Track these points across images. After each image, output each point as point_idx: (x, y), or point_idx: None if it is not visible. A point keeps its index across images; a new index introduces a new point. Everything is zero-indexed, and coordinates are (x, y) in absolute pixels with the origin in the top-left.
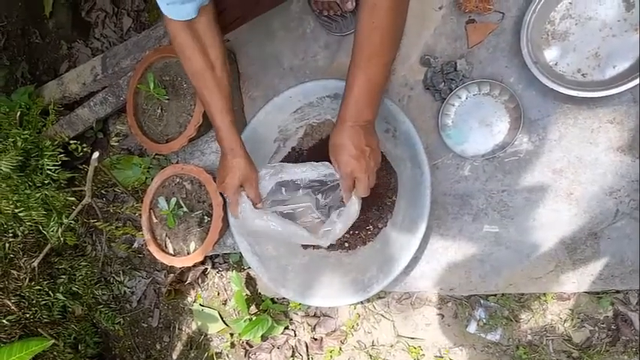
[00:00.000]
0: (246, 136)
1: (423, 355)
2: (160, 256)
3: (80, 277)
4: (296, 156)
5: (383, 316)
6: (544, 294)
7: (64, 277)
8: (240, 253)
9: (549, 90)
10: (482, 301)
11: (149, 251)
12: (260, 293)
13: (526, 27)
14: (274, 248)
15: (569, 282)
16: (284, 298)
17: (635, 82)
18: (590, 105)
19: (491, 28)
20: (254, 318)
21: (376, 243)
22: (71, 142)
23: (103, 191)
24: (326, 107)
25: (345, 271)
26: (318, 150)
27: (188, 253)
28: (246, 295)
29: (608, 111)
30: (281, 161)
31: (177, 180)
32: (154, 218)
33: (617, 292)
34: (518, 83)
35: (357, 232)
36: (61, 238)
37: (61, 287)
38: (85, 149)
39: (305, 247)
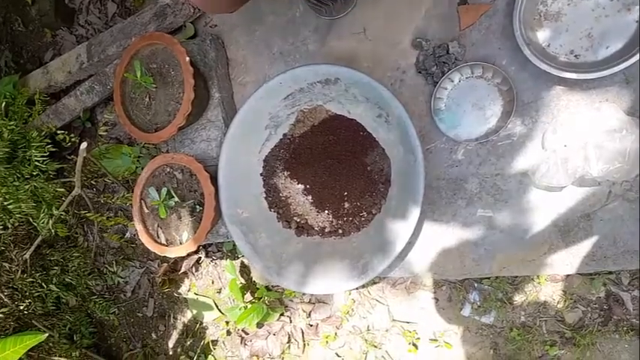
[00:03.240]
0: (236, 122)
1: (418, 338)
2: (152, 246)
3: (73, 268)
4: (288, 143)
5: (378, 301)
6: (537, 276)
7: (56, 268)
8: (233, 242)
9: (542, 72)
10: (476, 285)
11: (141, 241)
12: (254, 281)
13: (518, 8)
14: (268, 236)
15: (562, 264)
16: (279, 285)
17: (629, 62)
18: (583, 86)
19: (484, 9)
20: (249, 306)
21: (370, 229)
22: (58, 132)
23: (92, 182)
24: (317, 93)
25: (339, 258)
26: (310, 137)
27: (181, 243)
28: (241, 283)
29: (600, 92)
30: (273, 148)
31: (168, 169)
32: (145, 209)
33: (610, 272)
34: (511, 65)
35: (350, 218)
36: (52, 230)
37: (54, 279)
38: (73, 139)
39: (299, 234)
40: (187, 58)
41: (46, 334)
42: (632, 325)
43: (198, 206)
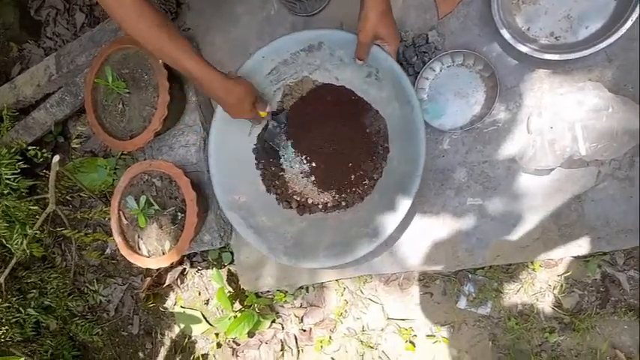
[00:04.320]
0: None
1: (415, 335)
2: (133, 259)
3: (52, 290)
4: (281, 117)
5: (371, 300)
6: (531, 262)
7: (34, 291)
8: (219, 249)
9: (524, 55)
10: (470, 276)
11: (122, 256)
12: (243, 288)
13: None
14: (268, 219)
15: (556, 248)
16: (269, 291)
17: (609, 40)
18: (566, 67)
19: None
20: (239, 315)
21: (374, 195)
22: (29, 147)
23: (68, 197)
24: (301, 63)
25: (347, 227)
26: (300, 108)
27: (163, 253)
28: (229, 292)
29: (583, 72)
30: (263, 129)
31: (146, 177)
32: (123, 220)
33: (604, 254)
34: (491, 51)
35: (353, 189)
36: (27, 251)
37: (32, 302)
38: (45, 154)
39: (301, 212)
40: (161, 61)
41: None
42: (630, 306)
43: (179, 213)
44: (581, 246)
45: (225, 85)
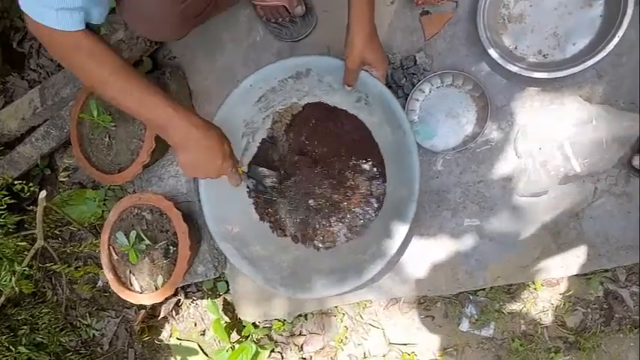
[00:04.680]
0: None
1: None
2: (125, 295)
3: (43, 326)
4: (269, 146)
5: (372, 325)
6: (533, 282)
7: (25, 327)
8: (213, 279)
9: (513, 74)
10: (471, 297)
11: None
12: (240, 318)
13: (481, 13)
14: (262, 247)
15: (556, 267)
16: (266, 321)
17: (598, 57)
18: (555, 85)
19: (447, 17)
20: (237, 346)
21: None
22: (16, 182)
23: (57, 231)
24: (289, 90)
25: (344, 255)
26: (294, 130)
27: (157, 288)
28: (225, 322)
29: (574, 89)
30: (254, 156)
31: (136, 211)
32: (114, 255)
33: (606, 270)
34: (480, 71)
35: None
36: (16, 288)
37: (23, 339)
38: (32, 188)
39: (296, 240)
40: None
41: None
42: (634, 322)
43: (171, 247)
44: (582, 264)
45: (204, 122)
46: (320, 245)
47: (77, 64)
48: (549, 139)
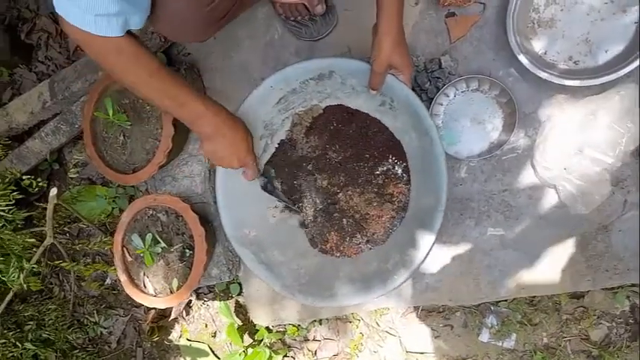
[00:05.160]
0: None
1: None
2: (139, 298)
3: (50, 322)
4: (288, 148)
5: (388, 332)
6: (557, 294)
7: (31, 323)
8: (226, 282)
9: (542, 81)
10: (492, 308)
11: (123, 286)
12: (252, 321)
13: (511, 17)
14: (281, 253)
15: (583, 280)
16: (279, 325)
17: (633, 65)
18: (586, 92)
19: (473, 20)
20: (250, 350)
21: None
22: (24, 177)
23: (65, 228)
24: (311, 92)
25: (365, 263)
26: (311, 138)
27: (171, 292)
28: (238, 324)
29: (605, 98)
30: (270, 158)
31: (151, 212)
32: (128, 257)
33: (633, 285)
34: (507, 76)
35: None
36: (24, 285)
37: (30, 335)
38: (40, 184)
39: (314, 245)
40: None
41: None
42: None
43: (187, 250)
44: (610, 278)
45: (232, 117)
46: (339, 253)
47: (117, 67)
48: (577, 150)
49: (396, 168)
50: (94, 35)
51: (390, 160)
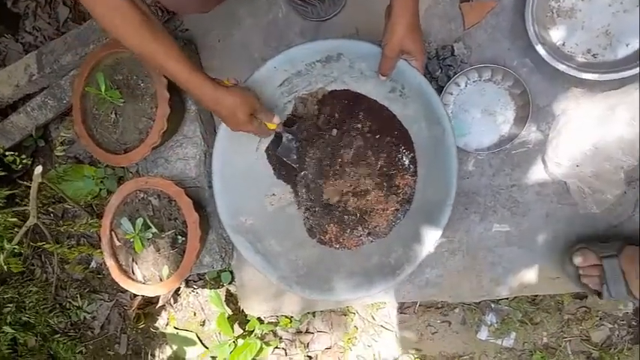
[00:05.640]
0: None
1: None
2: (127, 285)
3: (31, 305)
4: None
5: (383, 327)
6: (560, 294)
7: (10, 305)
8: (218, 270)
9: (559, 73)
10: (492, 305)
11: (109, 270)
12: (243, 311)
13: (530, 4)
14: (278, 243)
15: None
16: (272, 316)
17: None
18: (603, 87)
19: (490, 6)
20: (240, 341)
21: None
22: (7, 153)
23: (49, 208)
24: (316, 74)
25: (366, 256)
26: (314, 120)
27: (161, 279)
28: (228, 314)
29: (624, 94)
30: (271, 142)
31: (142, 195)
32: (116, 241)
33: None
34: (522, 67)
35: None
36: (4, 266)
37: (9, 317)
38: (24, 160)
39: (313, 235)
40: None
41: None
42: None
43: (179, 236)
44: None
45: (214, 94)
46: (338, 245)
47: (98, 15)
48: (596, 147)
49: (404, 158)
50: None
51: (398, 151)
